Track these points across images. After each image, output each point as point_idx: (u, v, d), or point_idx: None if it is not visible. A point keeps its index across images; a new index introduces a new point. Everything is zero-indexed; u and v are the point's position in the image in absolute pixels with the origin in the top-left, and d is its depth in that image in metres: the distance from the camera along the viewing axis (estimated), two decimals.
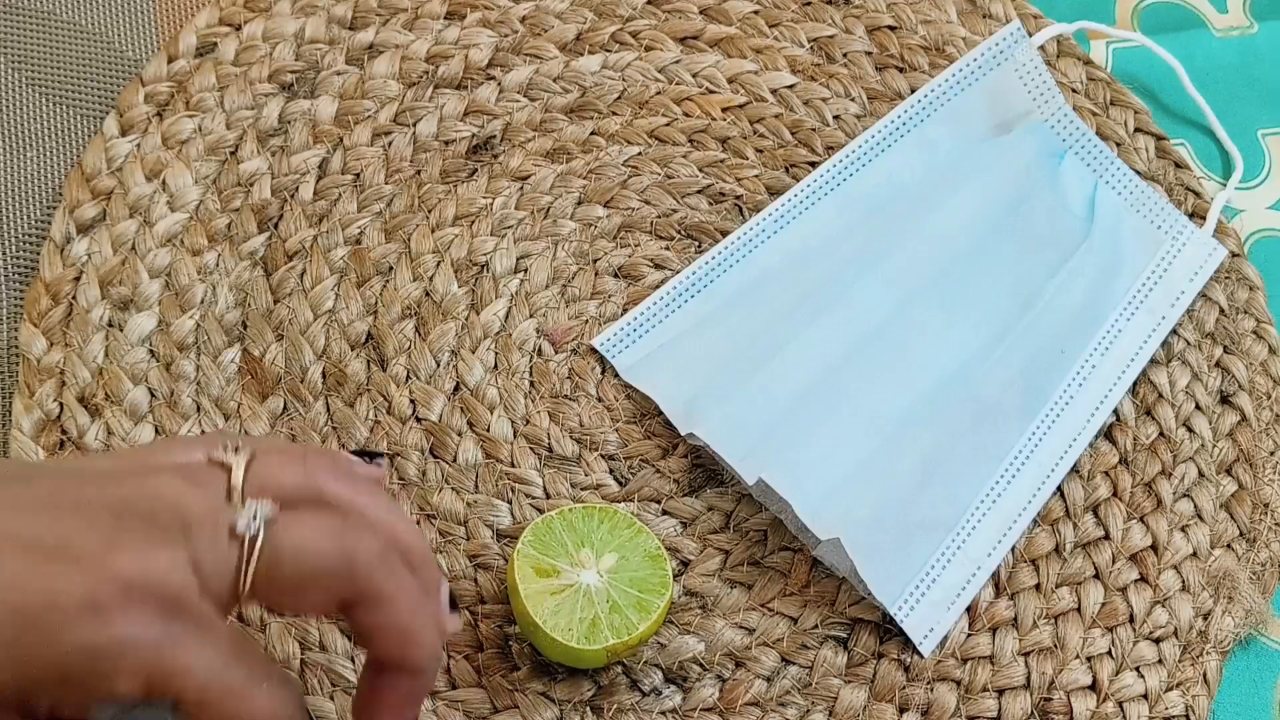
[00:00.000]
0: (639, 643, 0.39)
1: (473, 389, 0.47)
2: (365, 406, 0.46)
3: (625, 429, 0.47)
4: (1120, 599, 0.45)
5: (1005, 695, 0.43)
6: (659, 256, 0.50)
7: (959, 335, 0.48)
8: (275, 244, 0.49)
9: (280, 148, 0.50)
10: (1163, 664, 0.45)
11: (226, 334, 0.47)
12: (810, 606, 0.44)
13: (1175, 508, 0.47)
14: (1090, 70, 0.56)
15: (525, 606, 0.39)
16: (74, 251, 0.47)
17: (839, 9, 0.56)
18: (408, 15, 0.53)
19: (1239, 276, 0.52)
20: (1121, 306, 0.50)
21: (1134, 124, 0.55)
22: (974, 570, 0.45)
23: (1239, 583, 0.46)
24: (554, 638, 0.38)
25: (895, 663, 0.43)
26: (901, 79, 0.54)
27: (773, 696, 0.43)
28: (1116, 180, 0.52)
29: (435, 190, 0.50)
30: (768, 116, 0.53)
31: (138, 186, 0.49)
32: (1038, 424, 0.47)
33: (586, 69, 0.53)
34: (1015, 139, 0.52)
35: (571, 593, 0.39)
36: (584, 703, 0.42)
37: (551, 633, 0.38)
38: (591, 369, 0.47)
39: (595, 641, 0.38)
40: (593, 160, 0.51)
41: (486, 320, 0.48)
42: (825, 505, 0.43)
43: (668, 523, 0.45)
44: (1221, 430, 0.49)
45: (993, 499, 0.46)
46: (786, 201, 0.50)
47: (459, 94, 0.52)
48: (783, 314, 0.48)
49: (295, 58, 0.52)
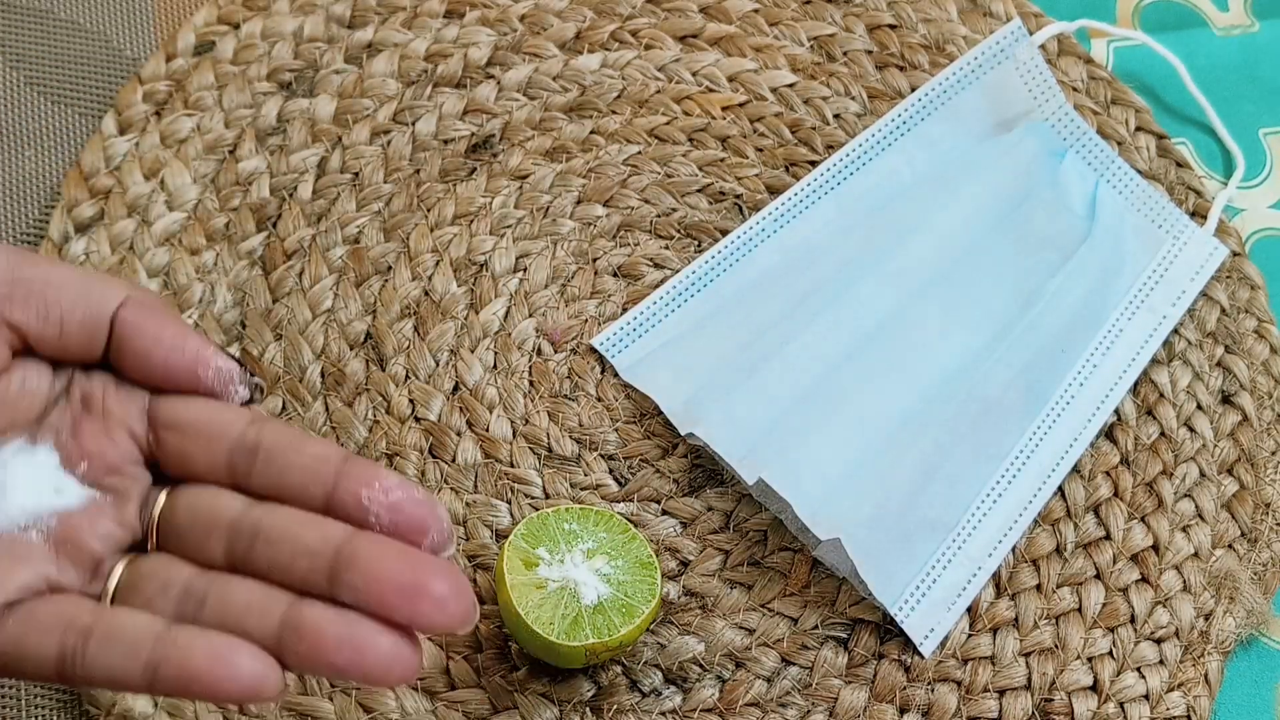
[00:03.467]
0: (619, 646, 0.39)
1: (472, 389, 0.46)
2: (364, 406, 0.46)
3: (625, 429, 0.46)
4: (1121, 599, 0.45)
5: (1006, 696, 0.43)
6: (659, 256, 0.50)
7: (959, 335, 0.48)
8: (274, 243, 0.48)
9: (279, 147, 0.50)
10: (1164, 664, 0.44)
11: (225, 333, 0.47)
12: (810, 607, 0.44)
13: (1176, 508, 0.47)
14: (1091, 69, 0.56)
15: (510, 596, 0.39)
16: (72, 251, 0.47)
17: (839, 7, 0.56)
18: (407, 14, 0.53)
19: (1240, 276, 0.52)
20: (1123, 306, 0.50)
21: (1135, 123, 0.55)
22: (975, 570, 0.45)
23: (1240, 583, 0.46)
24: (535, 630, 0.38)
25: (896, 663, 0.43)
26: (902, 77, 0.54)
27: (773, 697, 0.43)
28: (1117, 179, 0.52)
29: (434, 189, 0.50)
30: (768, 115, 0.53)
31: (136, 185, 0.49)
32: (1039, 423, 0.47)
33: (586, 68, 0.53)
34: (1016, 138, 0.52)
35: (558, 589, 0.39)
36: (584, 703, 0.42)
37: (533, 625, 0.38)
38: (591, 369, 0.47)
39: (575, 639, 0.38)
40: (592, 159, 0.51)
41: (486, 320, 0.48)
42: (825, 505, 0.43)
43: (668, 523, 0.45)
44: (1223, 430, 0.49)
45: (993, 499, 0.46)
46: (786, 200, 0.50)
47: (458, 93, 0.52)
48: (783, 313, 0.48)
49: (294, 56, 0.52)
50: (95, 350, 0.31)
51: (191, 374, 0.31)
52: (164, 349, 0.30)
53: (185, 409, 0.31)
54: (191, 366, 0.31)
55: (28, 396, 0.30)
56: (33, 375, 0.30)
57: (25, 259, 0.30)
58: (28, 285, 0.30)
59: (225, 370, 0.31)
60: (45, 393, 0.31)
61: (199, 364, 0.31)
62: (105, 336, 0.30)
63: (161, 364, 0.30)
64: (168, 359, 0.30)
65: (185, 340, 0.31)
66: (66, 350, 0.30)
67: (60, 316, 0.30)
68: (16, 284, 0.30)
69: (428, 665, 0.42)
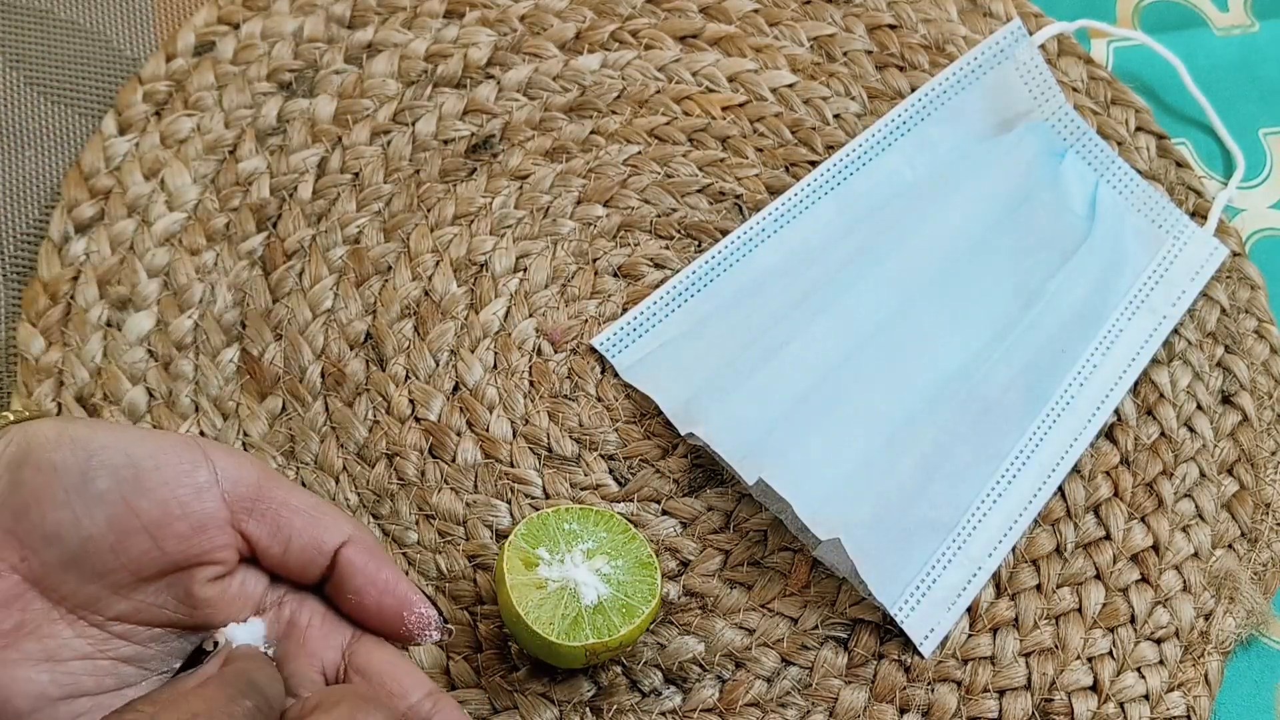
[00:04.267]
0: (618, 646, 0.39)
1: (472, 389, 0.46)
2: (364, 406, 0.46)
3: (625, 429, 0.46)
4: (1121, 599, 0.45)
5: (1006, 696, 0.43)
6: (659, 256, 0.50)
7: (959, 335, 0.48)
8: (274, 243, 0.48)
9: (279, 147, 0.50)
10: (1164, 665, 0.44)
11: (225, 333, 0.47)
12: (810, 607, 0.44)
13: (1176, 508, 0.47)
14: (1091, 69, 0.56)
15: (510, 597, 0.39)
16: (72, 251, 0.47)
17: (839, 7, 0.56)
18: (406, 14, 0.53)
19: (1240, 276, 0.52)
20: (1123, 306, 0.50)
21: (1135, 123, 0.55)
22: (975, 570, 0.45)
23: (1240, 583, 0.46)
24: (535, 630, 0.38)
25: (896, 663, 0.43)
26: (902, 78, 0.54)
27: (773, 697, 0.43)
28: (1117, 179, 0.52)
29: (434, 189, 0.50)
30: (768, 115, 0.53)
31: (136, 186, 0.49)
32: (1039, 424, 0.47)
33: (586, 68, 0.53)
34: (1016, 138, 0.52)
35: (558, 589, 0.39)
36: (584, 703, 0.42)
37: (533, 625, 0.38)
38: (591, 369, 0.47)
39: (575, 639, 0.38)
40: (592, 159, 0.51)
41: (486, 320, 0.48)
42: (825, 505, 0.43)
43: (668, 523, 0.45)
44: (1223, 430, 0.49)
45: (993, 499, 0.46)
46: (786, 201, 0.50)
47: (458, 93, 0.52)
48: (783, 313, 0.48)
49: (294, 56, 0.52)
50: (312, 575, 0.34)
51: (396, 616, 0.34)
52: (377, 591, 0.34)
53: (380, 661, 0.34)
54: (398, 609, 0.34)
55: (244, 597, 0.33)
56: (252, 580, 0.34)
57: (270, 479, 0.33)
58: (268, 503, 0.33)
59: (425, 617, 0.34)
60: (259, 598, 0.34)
61: (405, 608, 0.34)
62: (323, 566, 0.34)
63: (374, 604, 0.34)
64: (379, 600, 0.34)
65: (397, 584, 0.34)
66: (286, 569, 0.34)
67: (289, 538, 0.33)
68: (259, 500, 0.33)
69: (428, 665, 0.42)
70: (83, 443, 0.31)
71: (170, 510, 0.31)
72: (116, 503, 0.31)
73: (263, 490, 0.33)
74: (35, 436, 0.31)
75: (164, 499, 0.31)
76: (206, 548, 0.32)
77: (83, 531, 0.30)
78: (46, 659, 0.30)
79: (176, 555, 0.31)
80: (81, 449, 0.31)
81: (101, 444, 0.31)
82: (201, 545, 0.32)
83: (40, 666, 0.30)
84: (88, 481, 0.30)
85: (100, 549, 0.31)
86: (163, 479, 0.31)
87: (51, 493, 0.30)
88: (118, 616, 0.32)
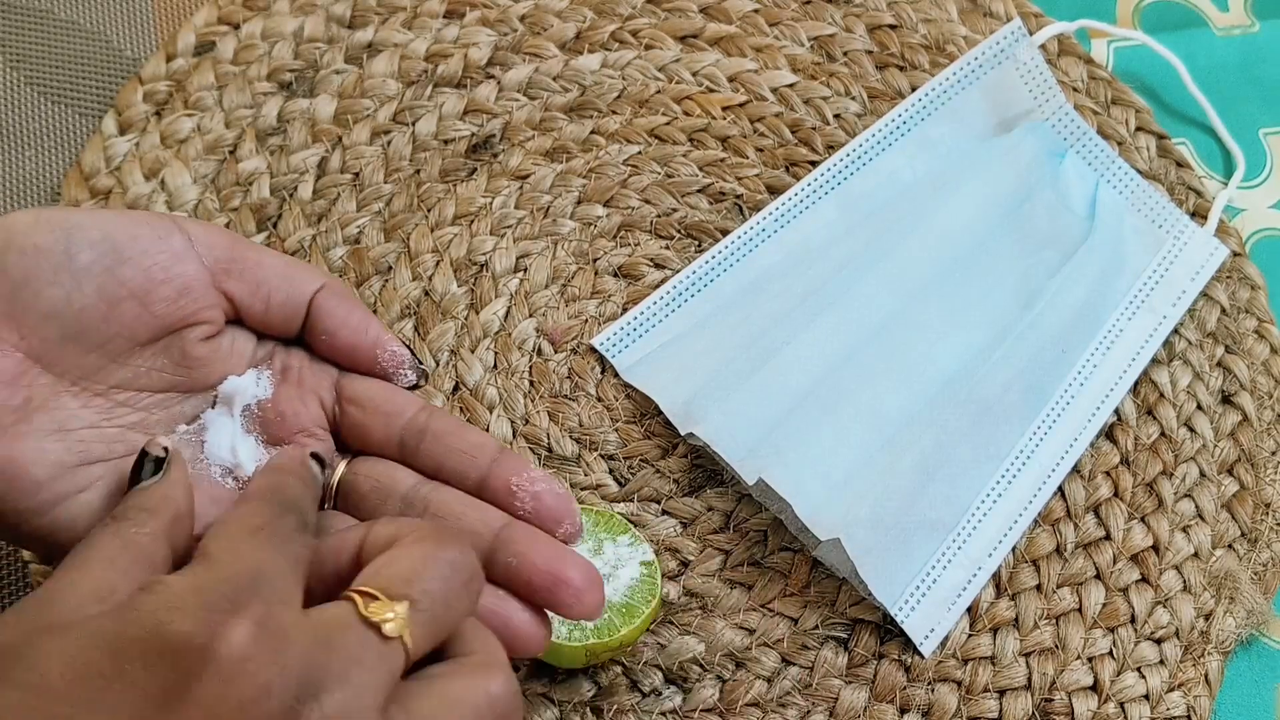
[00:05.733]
0: (619, 646, 0.39)
1: (472, 389, 0.46)
2: None
3: (625, 429, 0.46)
4: (1121, 599, 0.45)
5: (1006, 696, 0.43)
6: (659, 256, 0.50)
7: (960, 335, 0.48)
8: (274, 243, 0.48)
9: (279, 147, 0.50)
10: (1164, 665, 0.44)
11: None
12: (810, 607, 0.44)
13: (1176, 508, 0.47)
14: (1091, 69, 0.56)
15: None
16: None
17: (839, 7, 0.56)
18: (407, 14, 0.53)
19: (1240, 276, 0.52)
20: (1123, 306, 0.50)
21: (1135, 123, 0.55)
22: (975, 570, 0.45)
23: (1240, 583, 0.46)
24: None
25: (896, 663, 0.43)
26: (902, 78, 0.54)
27: (773, 697, 0.43)
28: (1118, 179, 0.52)
29: (434, 189, 0.50)
30: (768, 115, 0.53)
31: (136, 186, 0.49)
32: (1039, 424, 0.47)
33: (586, 68, 0.53)
34: (1016, 138, 0.52)
35: None
36: (584, 703, 0.42)
37: None
38: (591, 369, 0.47)
39: (575, 639, 0.38)
40: (592, 159, 0.51)
41: (486, 320, 0.48)
42: (825, 505, 0.43)
43: (668, 523, 0.45)
44: (1223, 430, 0.49)
45: (993, 499, 0.46)
46: (787, 201, 0.50)
47: (458, 93, 0.52)
48: (783, 314, 0.48)
49: (294, 56, 0.52)
50: (293, 327, 0.36)
51: (370, 355, 0.36)
52: (350, 330, 0.35)
53: (367, 388, 0.36)
54: (371, 348, 0.36)
55: (236, 355, 0.35)
56: (241, 339, 0.36)
57: (241, 243, 0.35)
58: (243, 263, 0.35)
59: (398, 355, 0.36)
60: (249, 356, 0.36)
61: (377, 346, 0.36)
62: (303, 315, 0.35)
63: (347, 343, 0.35)
64: (353, 339, 0.35)
65: (368, 325, 0.36)
66: (269, 324, 0.35)
67: (268, 293, 0.35)
68: (234, 261, 0.34)
69: None
70: (59, 223, 0.32)
71: (153, 275, 0.33)
72: (101, 274, 0.32)
73: (236, 252, 0.35)
74: (13, 225, 0.32)
75: (145, 266, 0.33)
76: (193, 308, 0.34)
77: (74, 305, 0.32)
78: (57, 430, 0.32)
79: (166, 318, 0.33)
80: (59, 229, 0.32)
81: (77, 223, 0.32)
82: (188, 306, 0.33)
83: (53, 437, 0.32)
84: (71, 258, 0.32)
85: (94, 319, 0.32)
86: (141, 248, 0.33)
87: (39, 272, 0.31)
88: (119, 384, 0.33)
